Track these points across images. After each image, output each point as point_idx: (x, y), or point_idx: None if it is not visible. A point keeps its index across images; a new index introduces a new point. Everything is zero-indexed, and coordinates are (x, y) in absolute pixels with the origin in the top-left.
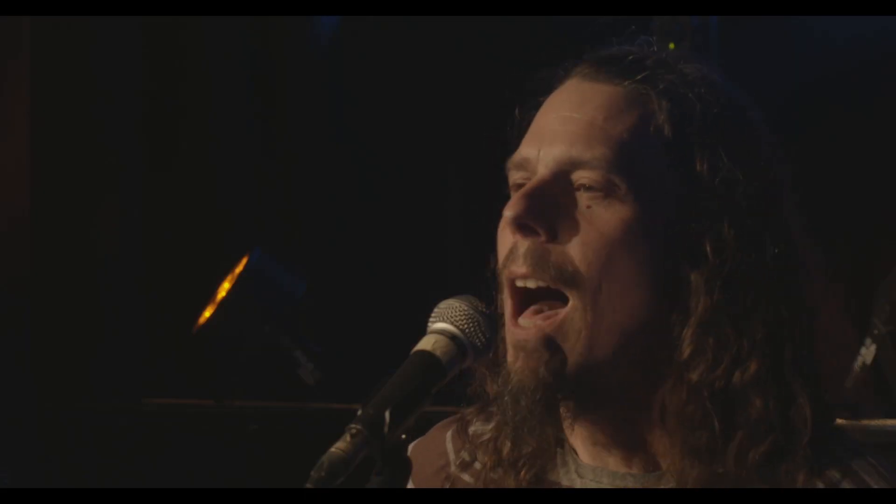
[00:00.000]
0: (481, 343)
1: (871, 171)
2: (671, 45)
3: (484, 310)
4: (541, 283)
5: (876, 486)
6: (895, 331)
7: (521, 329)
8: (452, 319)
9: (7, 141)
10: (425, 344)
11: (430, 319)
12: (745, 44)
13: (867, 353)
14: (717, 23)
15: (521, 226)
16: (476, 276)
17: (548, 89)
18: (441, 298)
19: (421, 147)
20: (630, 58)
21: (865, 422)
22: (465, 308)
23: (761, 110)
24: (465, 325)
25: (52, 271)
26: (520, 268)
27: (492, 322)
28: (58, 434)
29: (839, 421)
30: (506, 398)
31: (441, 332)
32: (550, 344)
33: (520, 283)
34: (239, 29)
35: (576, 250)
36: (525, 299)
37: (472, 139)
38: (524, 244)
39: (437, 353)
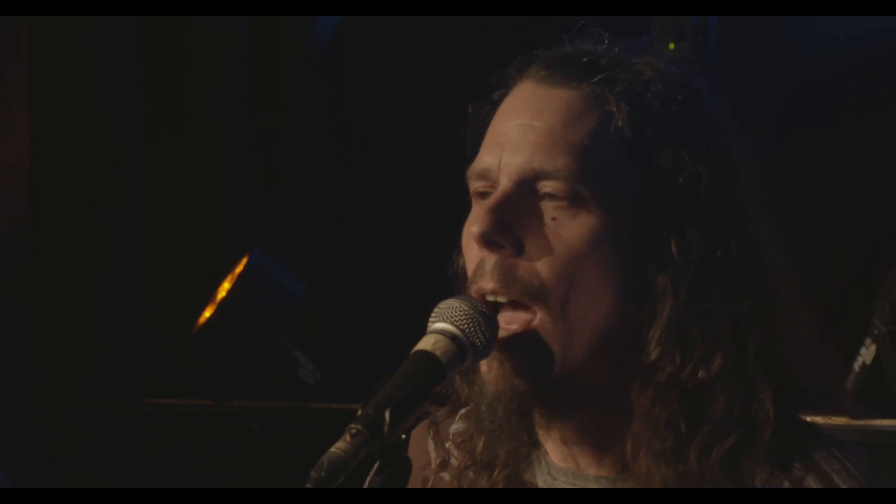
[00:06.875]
0: (481, 343)
1: (872, 170)
2: (671, 46)
3: (484, 310)
4: (510, 299)
5: (842, 483)
6: (895, 331)
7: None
8: (452, 319)
9: (7, 140)
10: (425, 344)
11: (430, 319)
12: (745, 43)
13: (867, 353)
14: (717, 23)
15: (487, 241)
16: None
17: (501, 85)
18: (441, 298)
19: (421, 146)
20: (585, 59)
21: (865, 422)
22: (466, 308)
23: (725, 100)
24: (465, 325)
25: (52, 271)
26: (488, 283)
27: (492, 322)
28: (58, 434)
29: (839, 421)
30: (482, 408)
31: (441, 331)
32: (523, 346)
33: (490, 298)
34: (239, 29)
35: (543, 264)
36: (495, 311)
37: None
38: (491, 259)
39: (437, 353)
